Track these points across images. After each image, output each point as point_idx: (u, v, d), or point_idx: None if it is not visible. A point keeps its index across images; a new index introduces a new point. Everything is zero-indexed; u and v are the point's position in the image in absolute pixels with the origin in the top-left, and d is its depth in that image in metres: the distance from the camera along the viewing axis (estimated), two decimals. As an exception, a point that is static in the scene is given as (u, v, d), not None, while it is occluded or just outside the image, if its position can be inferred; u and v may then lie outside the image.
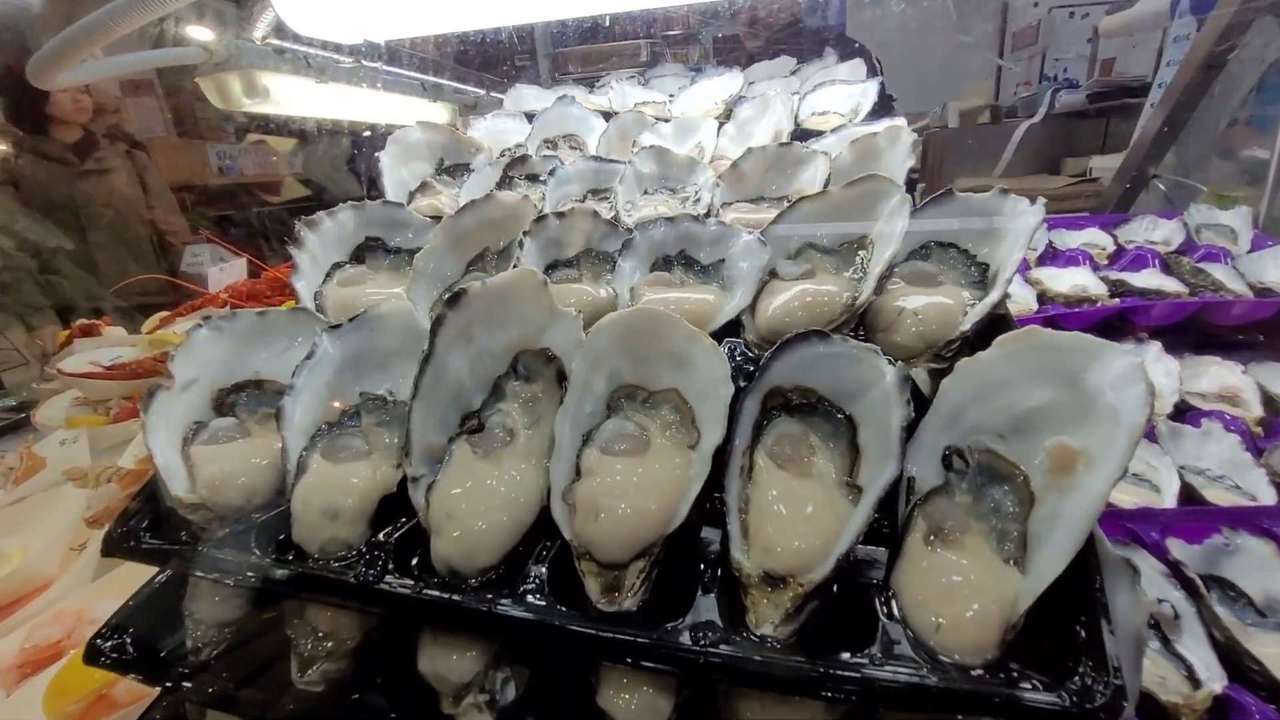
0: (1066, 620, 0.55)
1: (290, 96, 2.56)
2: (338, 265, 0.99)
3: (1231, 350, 1.51)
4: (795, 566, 0.58)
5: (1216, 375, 1.40)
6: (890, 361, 0.65)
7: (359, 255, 1.02)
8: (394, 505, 0.68)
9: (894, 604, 0.58)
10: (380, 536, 0.66)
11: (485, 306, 0.71)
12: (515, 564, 0.62)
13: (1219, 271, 1.55)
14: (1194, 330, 1.53)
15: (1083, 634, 0.54)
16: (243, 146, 4.39)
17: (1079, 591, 0.56)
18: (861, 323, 0.80)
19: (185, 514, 0.67)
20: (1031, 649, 0.53)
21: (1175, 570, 0.84)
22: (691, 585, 0.60)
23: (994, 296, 0.74)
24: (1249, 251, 1.68)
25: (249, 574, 0.62)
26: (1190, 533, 0.91)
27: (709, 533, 0.65)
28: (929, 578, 0.58)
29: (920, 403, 0.65)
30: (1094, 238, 1.88)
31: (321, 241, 0.98)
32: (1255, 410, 1.29)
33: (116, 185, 2.94)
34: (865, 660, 0.53)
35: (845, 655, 0.54)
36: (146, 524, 0.70)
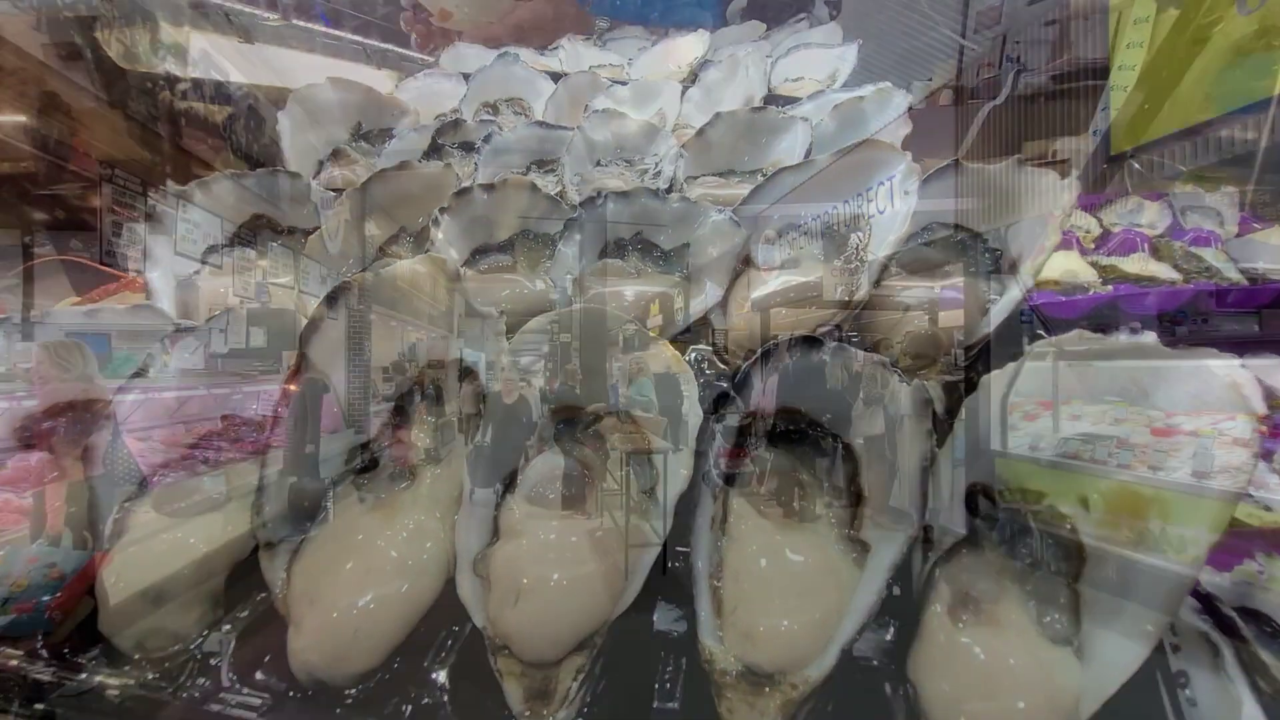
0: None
1: (209, 57, 2.30)
2: (212, 250, 0.79)
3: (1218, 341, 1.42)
4: (786, 660, 0.43)
5: (1213, 368, 1.30)
6: (902, 377, 0.50)
7: (242, 237, 0.83)
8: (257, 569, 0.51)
9: (915, 700, 0.44)
10: (229, 625, 0.48)
11: (379, 305, 0.54)
12: (407, 664, 0.45)
13: (1210, 256, 1.46)
14: (1184, 319, 1.44)
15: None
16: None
17: (1151, 678, 0.43)
18: (856, 322, 0.65)
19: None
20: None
21: (1208, 605, 0.73)
22: (647, 685, 0.44)
23: (1018, 290, 0.61)
24: (1237, 235, 1.60)
25: (17, 692, 0.44)
26: (1220, 558, 0.80)
27: (670, 606, 0.49)
28: (959, 666, 0.44)
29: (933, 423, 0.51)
30: (1077, 219, 1.77)
31: (190, 221, 0.78)
32: (1258, 407, 1.20)
33: None
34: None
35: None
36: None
